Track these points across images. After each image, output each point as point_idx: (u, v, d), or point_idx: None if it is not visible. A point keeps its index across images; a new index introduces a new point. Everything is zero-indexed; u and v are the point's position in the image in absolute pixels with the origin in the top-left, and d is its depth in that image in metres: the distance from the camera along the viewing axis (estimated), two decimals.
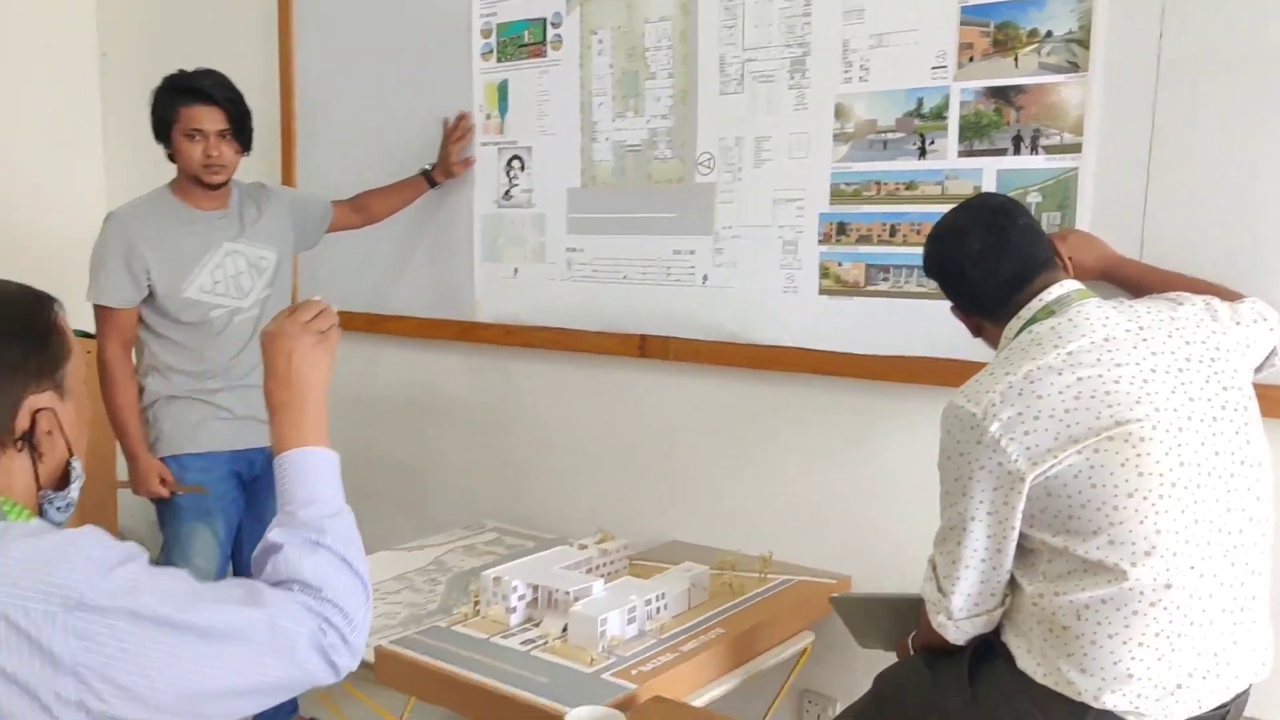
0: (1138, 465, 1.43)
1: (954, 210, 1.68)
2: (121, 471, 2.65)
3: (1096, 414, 1.44)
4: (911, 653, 1.77)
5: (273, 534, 1.19)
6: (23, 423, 1.12)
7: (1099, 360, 1.47)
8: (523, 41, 2.66)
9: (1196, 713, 1.48)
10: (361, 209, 2.80)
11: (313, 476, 1.24)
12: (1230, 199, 1.82)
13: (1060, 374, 1.47)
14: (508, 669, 1.80)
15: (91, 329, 2.48)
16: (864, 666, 2.15)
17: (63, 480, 1.18)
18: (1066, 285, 1.58)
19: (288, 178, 3.17)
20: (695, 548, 2.44)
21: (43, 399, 1.13)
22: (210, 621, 1.04)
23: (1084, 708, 1.48)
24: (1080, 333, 1.50)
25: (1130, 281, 1.85)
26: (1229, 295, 1.70)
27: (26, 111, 3.65)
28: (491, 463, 2.88)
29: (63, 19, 3.74)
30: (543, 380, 2.76)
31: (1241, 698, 1.54)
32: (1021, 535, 1.51)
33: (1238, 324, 1.60)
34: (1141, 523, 1.43)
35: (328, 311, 1.36)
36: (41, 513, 1.16)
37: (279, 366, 1.29)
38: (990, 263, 1.59)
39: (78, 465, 1.19)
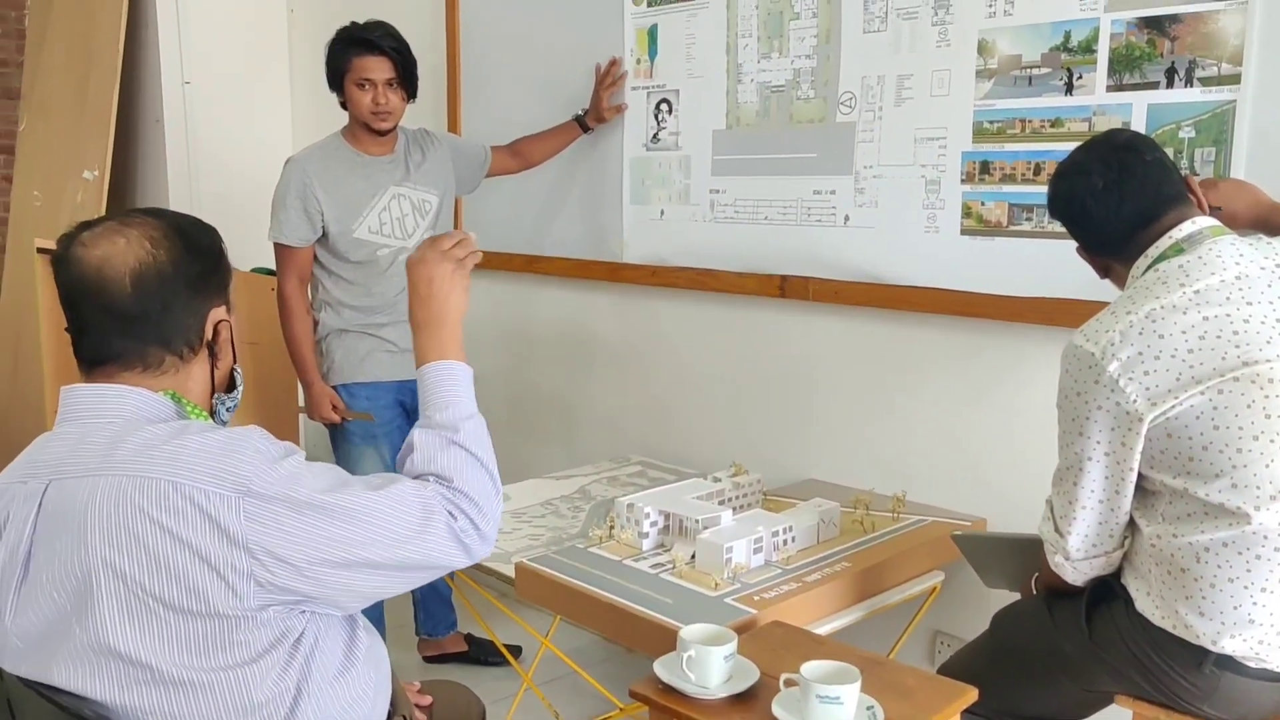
0: (1265, 407, 1.39)
1: (1079, 147, 1.64)
2: (301, 400, 2.88)
3: (1222, 354, 1.41)
4: (1035, 593, 1.77)
5: (414, 434, 1.33)
6: (209, 331, 1.28)
7: (1228, 299, 1.43)
8: None
9: None
10: (519, 154, 2.92)
11: (450, 385, 1.37)
12: None
13: (1185, 313, 1.43)
14: (636, 589, 1.90)
15: (273, 266, 2.70)
16: (996, 608, 2.17)
17: (229, 384, 1.33)
18: (1200, 222, 1.53)
19: (453, 123, 3.32)
20: (833, 486, 2.47)
21: (220, 311, 1.29)
22: (353, 504, 1.18)
23: (1203, 651, 1.46)
24: (1210, 270, 1.46)
25: None
26: None
27: (223, 64, 3.94)
28: (637, 399, 2.98)
29: None
30: (686, 320, 2.83)
31: None
32: (1141, 476, 1.49)
33: None
34: (1268, 466, 1.39)
35: (466, 240, 1.47)
36: (213, 412, 1.31)
37: (421, 289, 1.42)
38: (1114, 199, 1.55)
39: (239, 372, 1.35)
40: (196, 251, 1.28)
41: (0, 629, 1.15)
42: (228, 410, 1.35)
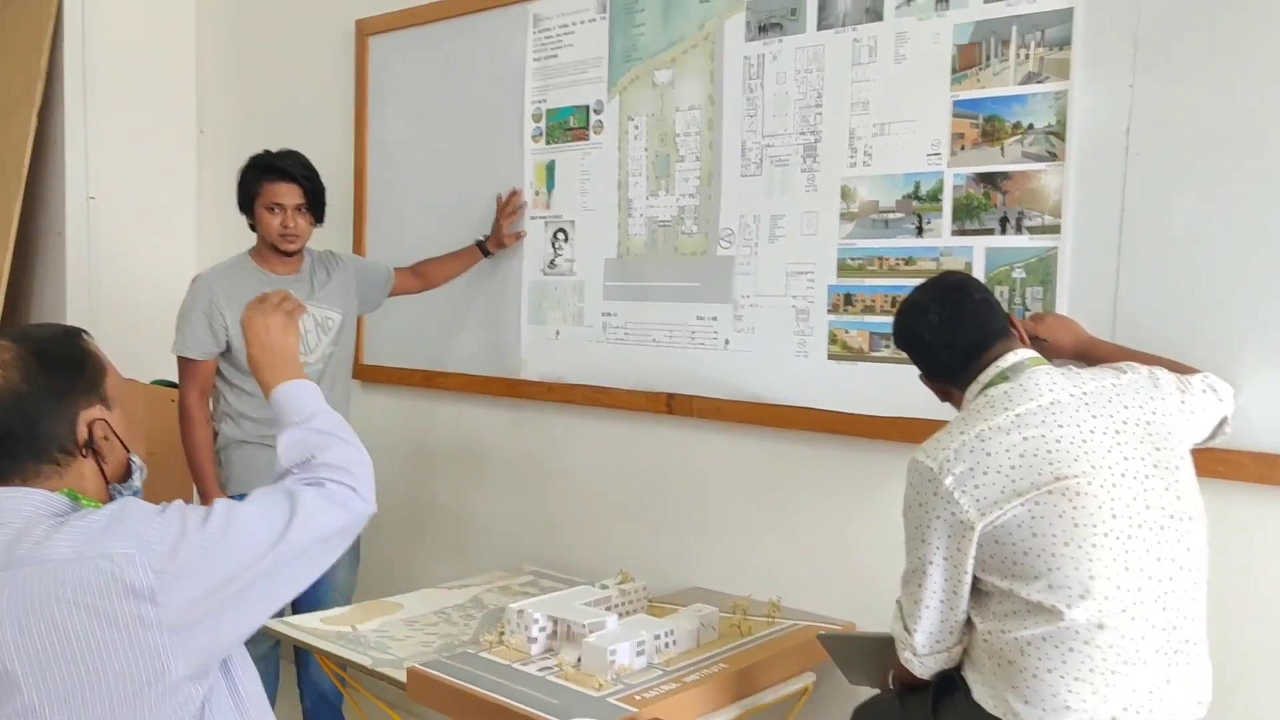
0: (1074, 517, 1.59)
1: (917, 288, 1.88)
2: None
3: (1039, 470, 1.61)
4: (891, 688, 1.93)
5: (278, 440, 1.49)
6: (82, 433, 1.37)
7: (1044, 421, 1.65)
8: (568, 126, 2.94)
9: None
10: (421, 275, 3.08)
11: (297, 398, 1.55)
12: (1196, 276, 1.99)
13: (1008, 434, 1.64)
14: (524, 690, 2.00)
15: (174, 379, 2.78)
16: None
17: (125, 474, 1.44)
18: (1022, 353, 1.76)
19: (358, 243, 3.47)
20: (715, 593, 2.62)
21: (93, 411, 1.39)
22: (231, 521, 1.32)
23: None
24: (1029, 396, 1.68)
25: (1105, 359, 2.00)
26: (1186, 370, 1.86)
27: (129, 180, 4.03)
28: (532, 510, 3.11)
29: (166, 99, 4.14)
30: (580, 434, 2.98)
31: None
32: (975, 578, 1.68)
33: (1183, 392, 1.76)
34: (1077, 569, 1.59)
35: (289, 297, 1.72)
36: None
37: (260, 336, 1.63)
38: (948, 333, 1.78)
39: (136, 459, 1.45)
40: (51, 365, 1.37)
41: None
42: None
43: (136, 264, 4.04)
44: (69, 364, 1.40)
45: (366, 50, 3.46)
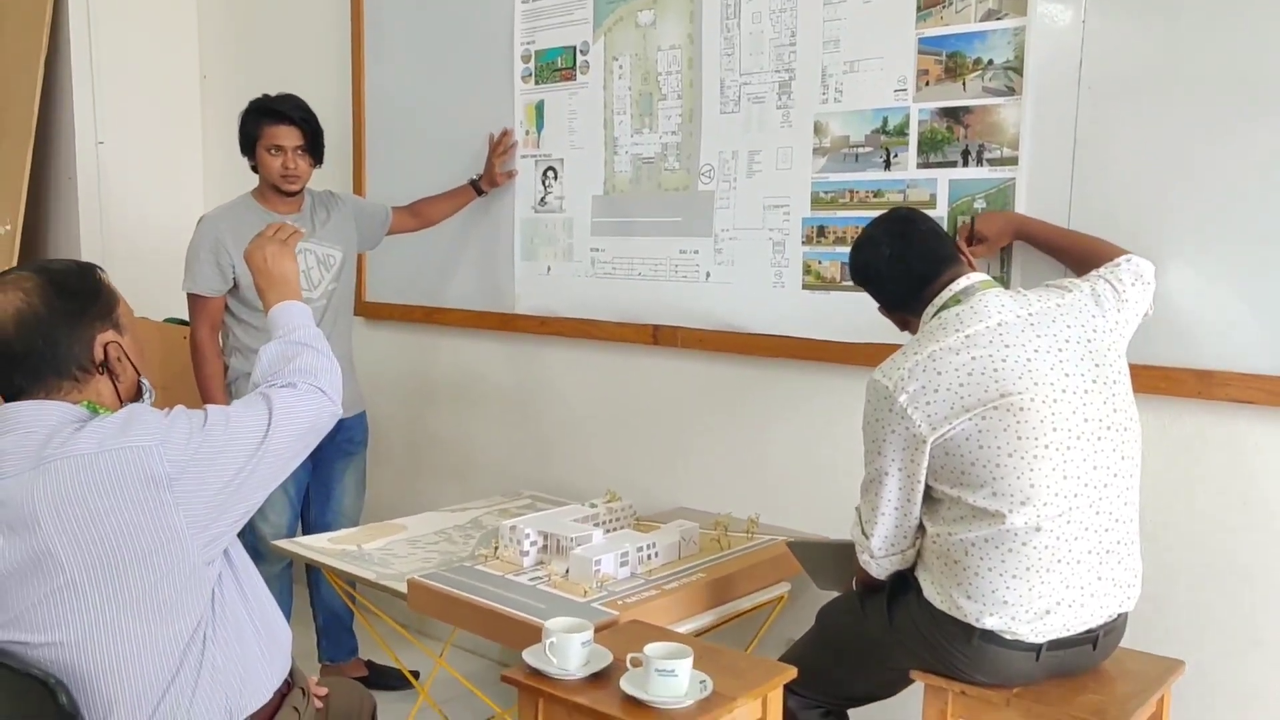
0: (1017, 430, 1.72)
1: (868, 224, 2.00)
2: None
3: (985, 388, 1.74)
4: (853, 590, 2.09)
5: (262, 351, 1.66)
6: (98, 354, 1.53)
7: (991, 342, 1.77)
8: (556, 66, 3.03)
9: (1064, 634, 1.77)
10: (417, 214, 3.20)
11: (286, 316, 1.74)
12: (1140, 203, 2.10)
13: (958, 354, 1.77)
14: (514, 597, 2.16)
15: (185, 316, 2.92)
16: None
17: (137, 394, 1.59)
18: (973, 278, 1.87)
19: (358, 184, 3.59)
20: (698, 512, 2.77)
21: (107, 335, 1.54)
22: (227, 423, 1.49)
23: (970, 628, 1.78)
24: (979, 318, 1.80)
25: (1038, 237, 2.15)
26: (1113, 253, 1.99)
27: (137, 125, 4.14)
28: (526, 438, 3.26)
29: (169, 46, 4.24)
30: (572, 365, 3.12)
31: (1114, 624, 1.83)
32: (927, 486, 1.82)
33: (1123, 302, 1.88)
34: (1019, 478, 1.72)
35: (284, 227, 1.90)
36: None
37: (260, 265, 1.83)
38: (901, 263, 1.90)
39: (146, 381, 1.61)
40: (68, 292, 1.53)
41: None
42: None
43: (145, 206, 4.17)
44: (84, 292, 1.55)
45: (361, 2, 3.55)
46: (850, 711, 2.10)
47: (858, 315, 2.48)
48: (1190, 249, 2.05)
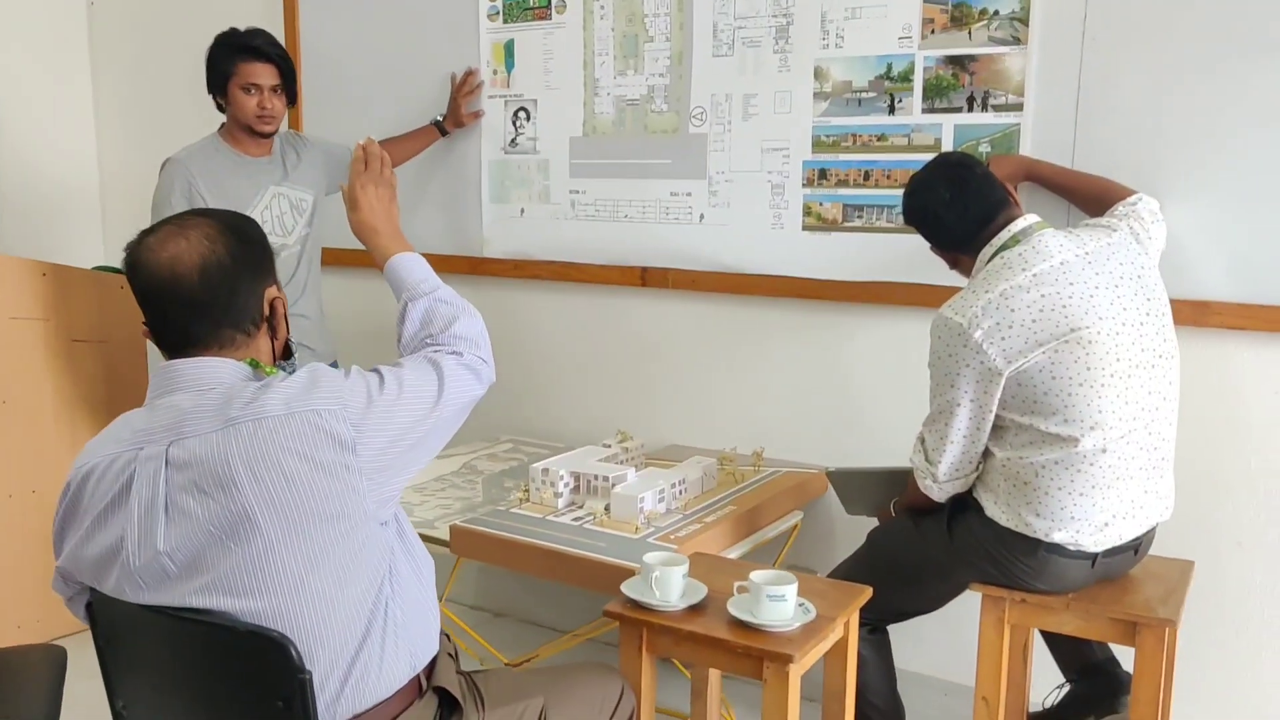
0: (1086, 362, 1.87)
1: (921, 169, 2.10)
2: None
3: (1056, 323, 1.88)
4: (894, 515, 2.22)
5: (405, 309, 1.64)
6: (265, 309, 1.48)
7: (1056, 280, 1.91)
8: (528, 5, 2.98)
9: (1118, 543, 1.95)
10: None
11: (417, 267, 1.71)
12: (1141, 146, 2.28)
13: (1028, 291, 1.90)
14: (568, 537, 2.19)
15: (116, 265, 2.74)
16: (841, 543, 2.63)
17: (287, 352, 1.54)
18: (1029, 219, 2.01)
19: (293, 123, 3.42)
20: (692, 449, 2.85)
21: (274, 290, 1.50)
22: (403, 386, 1.47)
23: (1038, 542, 1.94)
24: (1042, 258, 1.93)
25: (1048, 178, 2.31)
26: (1123, 192, 2.17)
27: (16, 60, 3.80)
28: (503, 382, 3.22)
29: None
30: (550, 309, 3.12)
31: (1150, 533, 2.03)
32: (996, 416, 1.95)
33: (1151, 239, 2.06)
34: (1088, 405, 1.88)
35: (382, 154, 1.83)
36: None
37: (371, 204, 1.79)
38: (959, 206, 2.01)
39: (294, 340, 1.56)
40: (248, 241, 1.48)
41: (152, 556, 1.33)
42: (287, 375, 1.56)
43: (32, 151, 3.84)
44: (260, 244, 1.49)
45: None
46: (890, 628, 2.24)
47: (857, 254, 2.61)
48: (1188, 187, 2.25)
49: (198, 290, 1.40)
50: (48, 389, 3.09)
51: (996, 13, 2.39)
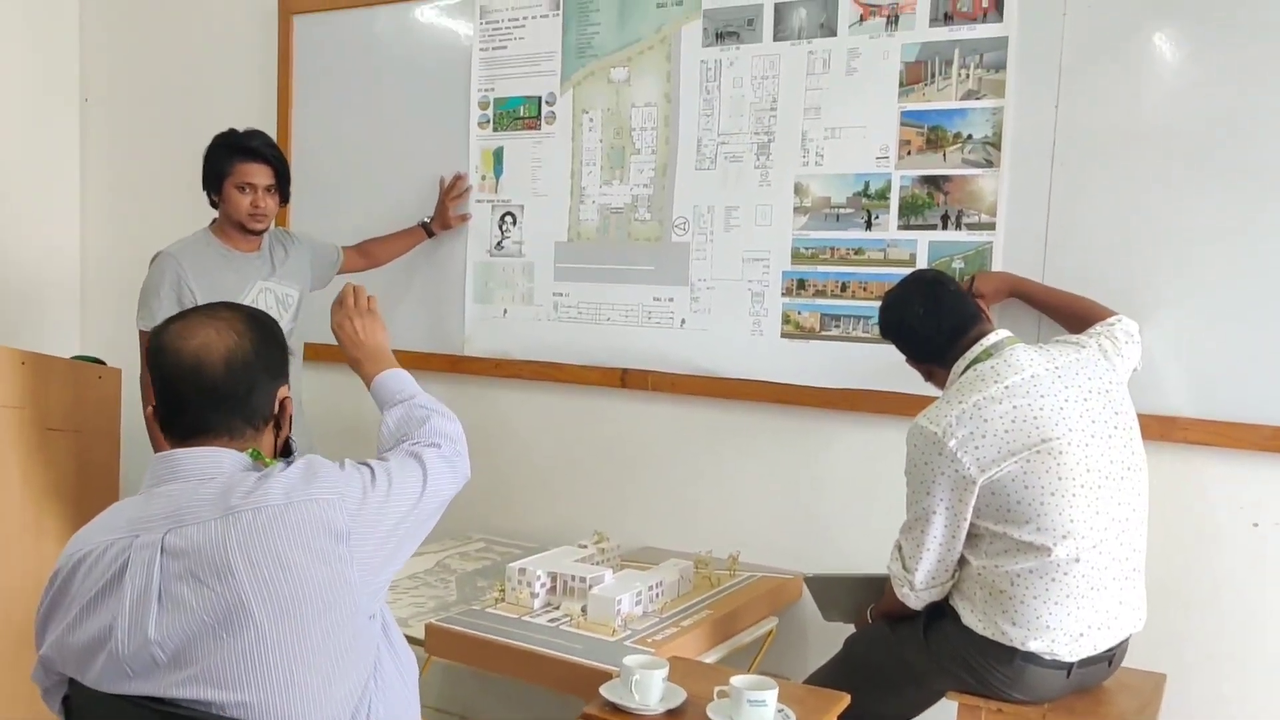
0: (1058, 472, 1.92)
1: (897, 285, 2.19)
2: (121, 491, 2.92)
3: (1028, 433, 1.93)
4: (870, 622, 2.23)
5: (384, 417, 1.70)
6: (275, 407, 1.50)
7: (1028, 392, 1.97)
8: (518, 115, 3.09)
9: (1093, 653, 1.98)
10: (366, 254, 3.15)
11: (397, 382, 1.79)
12: (1108, 268, 2.37)
13: (1000, 403, 1.96)
14: (544, 639, 2.18)
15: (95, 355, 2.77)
16: (815, 650, 2.63)
17: (286, 450, 1.56)
18: (1000, 333, 2.08)
19: (280, 220, 3.47)
20: (668, 551, 2.85)
21: (285, 389, 1.53)
22: (392, 481, 1.50)
23: (1013, 651, 1.96)
24: (1013, 370, 2.00)
25: (1033, 295, 2.39)
26: (1103, 313, 2.24)
27: (4, 149, 3.84)
28: (476, 480, 3.23)
29: (47, 64, 3.96)
30: (529, 408, 3.15)
31: (1124, 644, 2.06)
32: (970, 524, 1.99)
33: (1121, 358, 2.13)
34: (1060, 514, 1.92)
35: (359, 290, 1.96)
36: None
37: (353, 338, 1.89)
38: (933, 320, 2.09)
39: (294, 439, 1.57)
40: (271, 339, 1.52)
41: (142, 644, 1.32)
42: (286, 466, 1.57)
43: (17, 244, 3.86)
44: (281, 346, 1.54)
45: (291, 29, 3.48)
46: None
47: (835, 362, 2.67)
48: (1152, 306, 2.33)
49: (221, 380, 1.44)
50: (15, 478, 3.05)
51: (970, 136, 2.50)
